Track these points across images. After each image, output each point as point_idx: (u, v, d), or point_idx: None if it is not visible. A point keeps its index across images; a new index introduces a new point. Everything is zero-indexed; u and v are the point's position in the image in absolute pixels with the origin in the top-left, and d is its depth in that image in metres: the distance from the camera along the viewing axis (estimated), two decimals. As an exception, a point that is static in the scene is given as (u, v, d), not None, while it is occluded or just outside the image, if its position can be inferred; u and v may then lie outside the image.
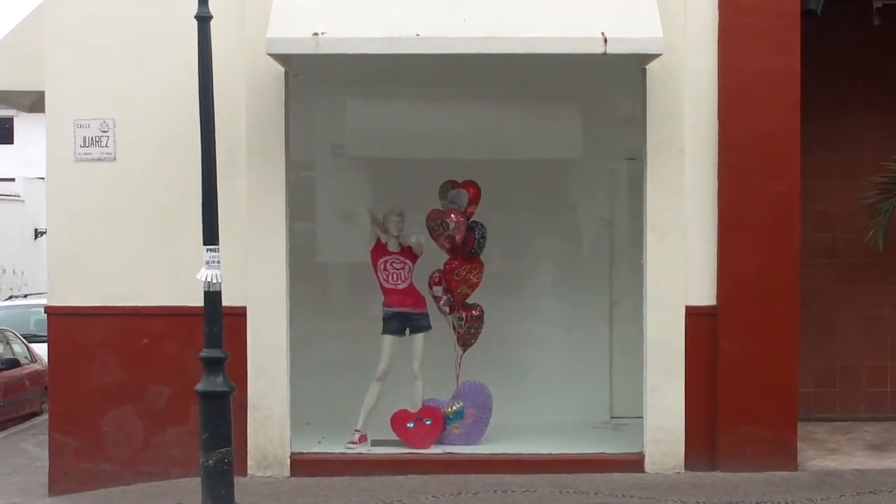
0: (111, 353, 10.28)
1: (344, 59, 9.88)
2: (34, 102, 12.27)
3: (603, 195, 12.42)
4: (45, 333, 10.82)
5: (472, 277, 11.11)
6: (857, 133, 12.16)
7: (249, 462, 10.17)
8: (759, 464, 10.11)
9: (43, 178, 10.92)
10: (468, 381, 11.00)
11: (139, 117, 10.25)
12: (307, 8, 9.76)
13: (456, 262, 11.05)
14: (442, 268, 11.07)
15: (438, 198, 11.12)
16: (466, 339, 11.15)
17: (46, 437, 10.67)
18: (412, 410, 10.78)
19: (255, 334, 10.18)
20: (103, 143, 10.29)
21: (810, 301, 11.73)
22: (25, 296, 25.95)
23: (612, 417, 12.00)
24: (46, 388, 12.33)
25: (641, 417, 10.39)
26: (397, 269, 10.81)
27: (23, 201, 33.75)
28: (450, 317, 11.14)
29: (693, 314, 10.19)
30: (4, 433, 15.20)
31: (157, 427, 10.29)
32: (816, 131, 11.17)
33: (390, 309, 10.81)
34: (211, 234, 8.89)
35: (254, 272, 10.15)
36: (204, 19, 8.86)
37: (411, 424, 10.73)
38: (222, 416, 8.82)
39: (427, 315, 10.91)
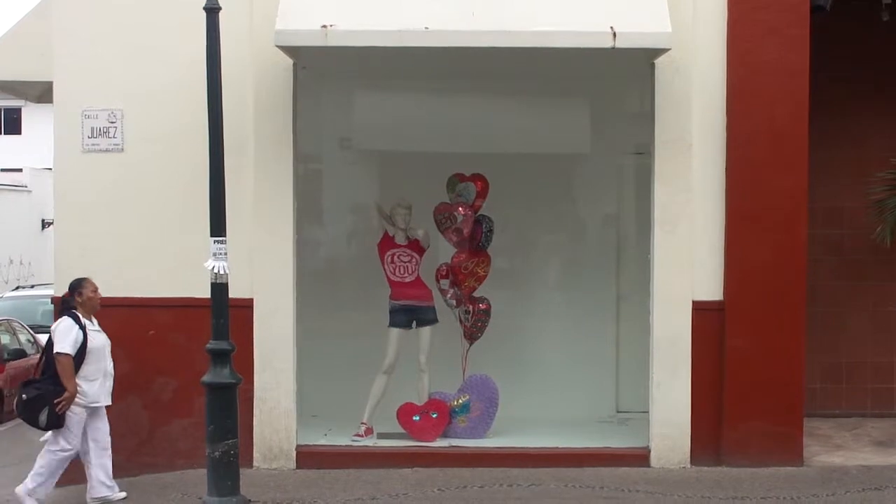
0: (117, 344, 10.24)
1: (352, 52, 9.87)
2: (42, 93, 12.28)
3: (610, 190, 12.40)
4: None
5: (479, 271, 11.11)
6: (866, 129, 12.13)
7: (255, 454, 10.18)
8: (764, 459, 10.11)
9: (50, 169, 10.92)
10: (474, 374, 11.00)
11: (147, 108, 10.26)
12: (316, 0, 9.76)
13: (463, 256, 11.04)
14: (449, 261, 11.07)
15: (446, 191, 11.11)
16: (473, 333, 11.15)
17: (53, 427, 10.67)
18: (418, 403, 10.80)
19: (261, 326, 10.19)
20: (111, 134, 10.30)
21: (817, 297, 11.73)
22: (32, 286, 25.93)
23: (618, 412, 11.99)
24: (53, 378, 12.32)
25: (647, 412, 10.39)
26: (404, 262, 10.81)
27: (30, 192, 33.74)
28: (456, 310, 11.14)
29: (700, 309, 10.19)
30: (10, 423, 15.22)
31: (163, 418, 10.31)
32: (824, 127, 11.16)
33: (397, 302, 10.82)
34: (218, 226, 8.91)
35: (261, 264, 10.16)
36: (212, 11, 8.89)
37: (417, 417, 10.74)
38: (228, 408, 8.85)
39: (434, 308, 10.91)
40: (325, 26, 9.44)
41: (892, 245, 11.46)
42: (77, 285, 9.50)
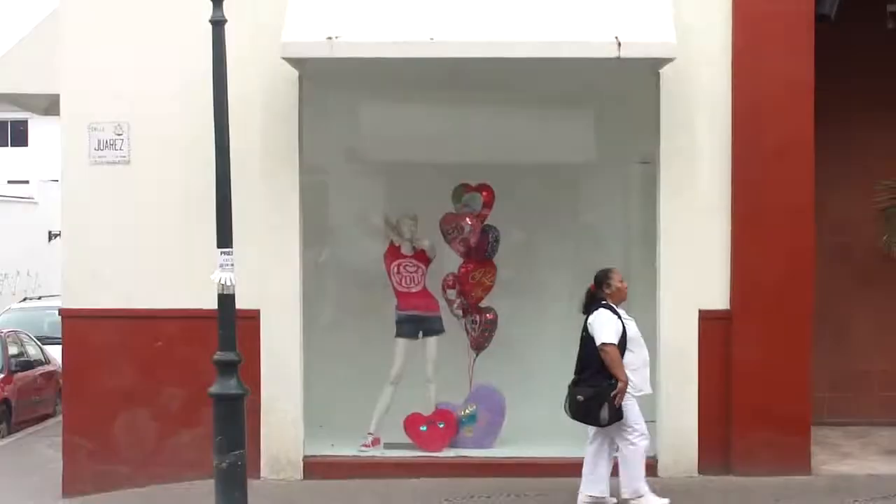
0: (125, 356, 10.31)
1: (358, 63, 9.90)
2: (49, 105, 12.35)
3: (616, 199, 12.39)
4: (59, 335, 10.84)
5: (485, 281, 11.12)
6: (872, 138, 12.08)
7: (262, 465, 10.19)
8: (772, 468, 10.09)
9: (57, 181, 10.95)
10: (481, 384, 11.00)
11: (153, 121, 10.29)
12: (321, 12, 9.78)
13: (470, 266, 11.06)
14: (456, 271, 11.08)
15: (452, 201, 11.13)
16: (480, 343, 11.15)
17: (60, 439, 10.71)
18: (425, 413, 10.79)
19: (268, 337, 10.20)
20: (117, 146, 10.32)
21: (824, 305, 11.68)
22: (39, 298, 25.94)
23: (625, 421, 11.95)
24: (60, 390, 12.35)
25: (655, 421, 10.35)
26: (411, 273, 10.82)
27: (37, 203, 33.77)
28: (463, 320, 11.15)
29: (706, 318, 10.19)
30: (18, 435, 15.24)
31: (171, 429, 10.31)
32: (831, 136, 11.13)
33: (403, 312, 10.82)
34: (224, 238, 8.90)
35: (268, 275, 10.17)
36: (218, 23, 8.88)
37: (424, 427, 10.74)
38: (236, 419, 8.83)
39: (440, 318, 10.92)
40: (330, 38, 9.46)
41: (897, 253, 11.46)
42: (604, 277, 9.24)
